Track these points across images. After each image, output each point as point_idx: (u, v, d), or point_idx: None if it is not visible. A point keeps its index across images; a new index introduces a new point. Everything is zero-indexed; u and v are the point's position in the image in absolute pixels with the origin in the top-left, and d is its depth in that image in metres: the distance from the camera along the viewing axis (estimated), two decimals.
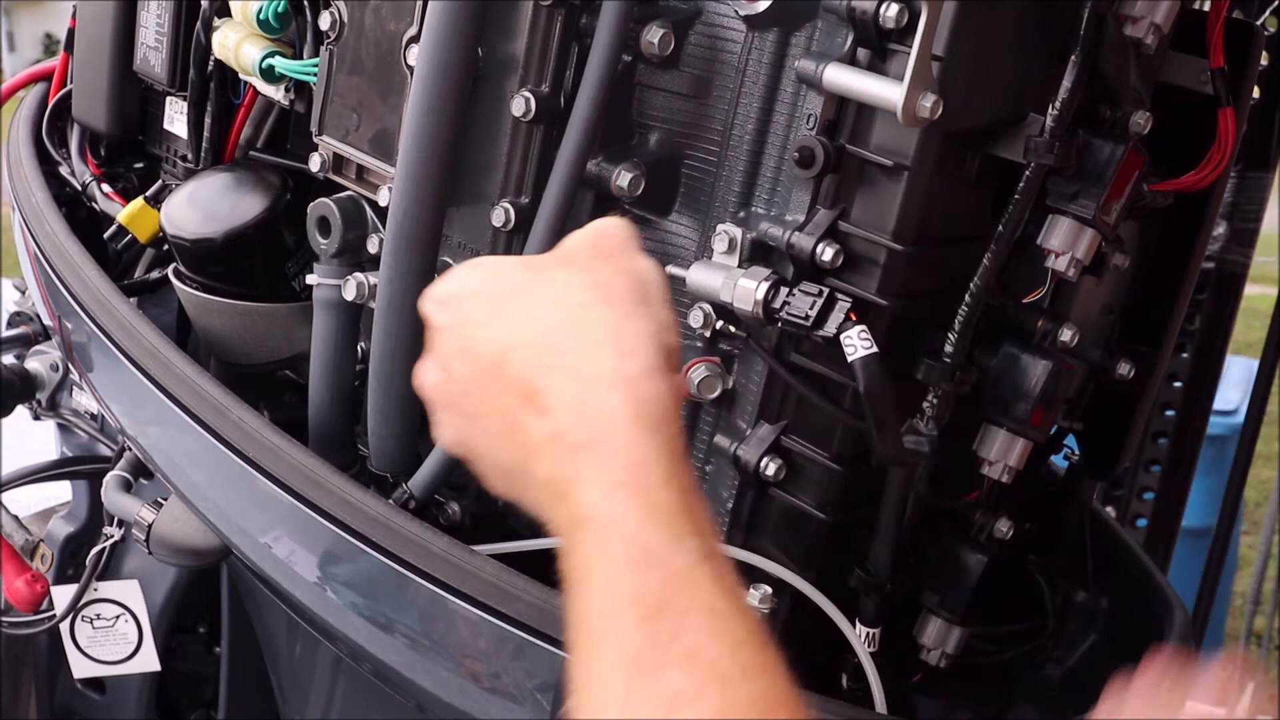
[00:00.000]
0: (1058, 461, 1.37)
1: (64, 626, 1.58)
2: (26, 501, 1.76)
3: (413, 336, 1.09)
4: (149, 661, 1.61)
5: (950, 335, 1.06)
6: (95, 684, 1.70)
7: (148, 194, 1.54)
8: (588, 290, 0.75)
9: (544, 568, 1.08)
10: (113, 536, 1.51)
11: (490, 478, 0.77)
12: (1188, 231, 1.26)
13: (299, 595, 1.19)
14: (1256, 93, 1.25)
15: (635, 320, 0.74)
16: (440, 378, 0.79)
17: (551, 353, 0.72)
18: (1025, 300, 1.12)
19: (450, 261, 1.21)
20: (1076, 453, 1.36)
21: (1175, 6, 1.05)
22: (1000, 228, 1.05)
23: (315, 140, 1.27)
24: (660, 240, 1.15)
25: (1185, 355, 2.01)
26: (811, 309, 1.03)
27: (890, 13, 0.98)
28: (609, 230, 0.80)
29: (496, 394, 0.74)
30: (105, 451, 1.65)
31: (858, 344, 1.01)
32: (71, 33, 1.60)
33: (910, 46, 0.95)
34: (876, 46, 1.00)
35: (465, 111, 1.08)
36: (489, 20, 1.10)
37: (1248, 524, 4.40)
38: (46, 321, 1.59)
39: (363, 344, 1.30)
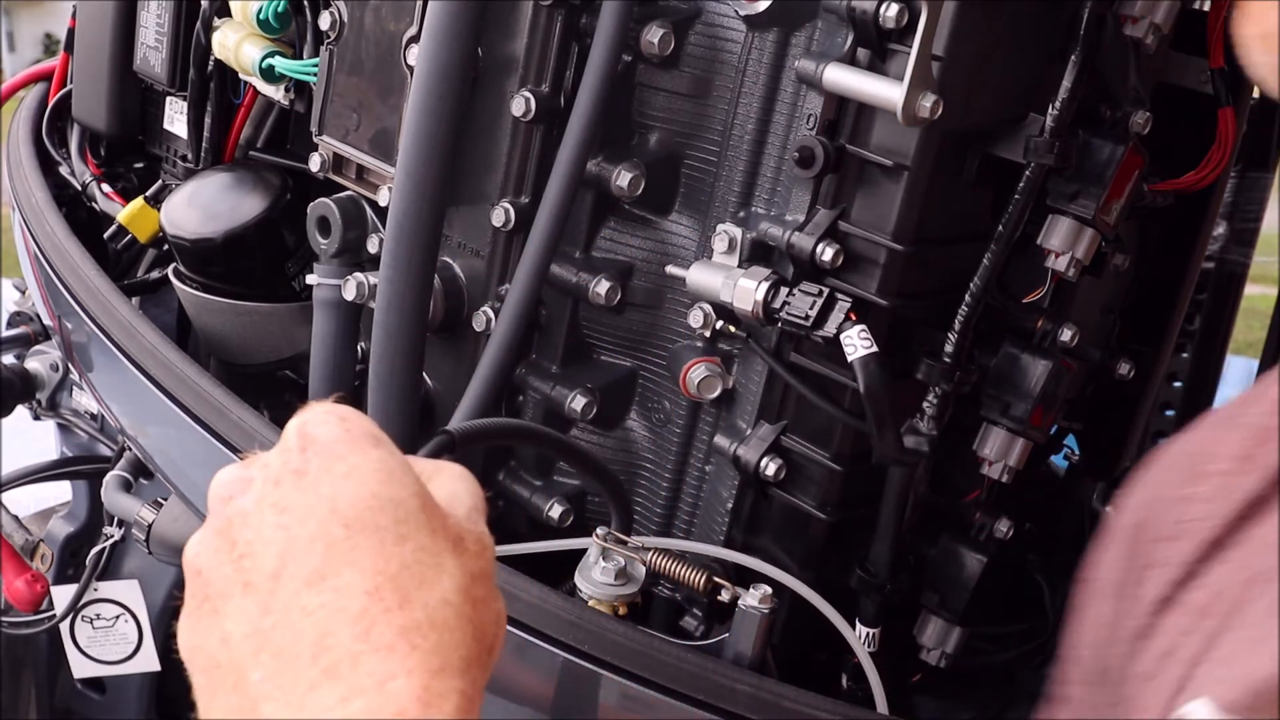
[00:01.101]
0: (1058, 461, 1.37)
1: (64, 626, 1.58)
2: (26, 501, 1.76)
3: (413, 336, 1.09)
4: (149, 661, 1.61)
5: (950, 335, 1.06)
6: (95, 684, 1.69)
7: (148, 194, 1.54)
8: (456, 601, 0.57)
9: (544, 568, 1.09)
10: (113, 536, 1.51)
11: (184, 634, 0.60)
12: (1188, 231, 1.26)
13: None
14: (1256, 93, 1.25)
15: (444, 678, 0.56)
16: (216, 543, 0.59)
17: (351, 643, 0.54)
18: (1025, 300, 1.11)
19: (450, 262, 1.21)
20: (1076, 453, 1.36)
21: (1175, 6, 1.05)
22: (1000, 228, 1.05)
23: (315, 140, 1.27)
24: (660, 240, 1.15)
25: (1185, 355, 2.00)
26: (811, 309, 1.03)
27: (890, 13, 0.97)
28: (485, 553, 0.61)
29: (255, 624, 0.56)
30: (105, 451, 1.65)
31: (858, 344, 1.01)
32: (71, 33, 1.60)
33: (910, 46, 0.95)
34: (876, 46, 1.00)
35: (465, 111, 1.07)
36: (489, 20, 1.11)
37: None
38: (46, 321, 1.59)
39: (363, 344, 1.29)
